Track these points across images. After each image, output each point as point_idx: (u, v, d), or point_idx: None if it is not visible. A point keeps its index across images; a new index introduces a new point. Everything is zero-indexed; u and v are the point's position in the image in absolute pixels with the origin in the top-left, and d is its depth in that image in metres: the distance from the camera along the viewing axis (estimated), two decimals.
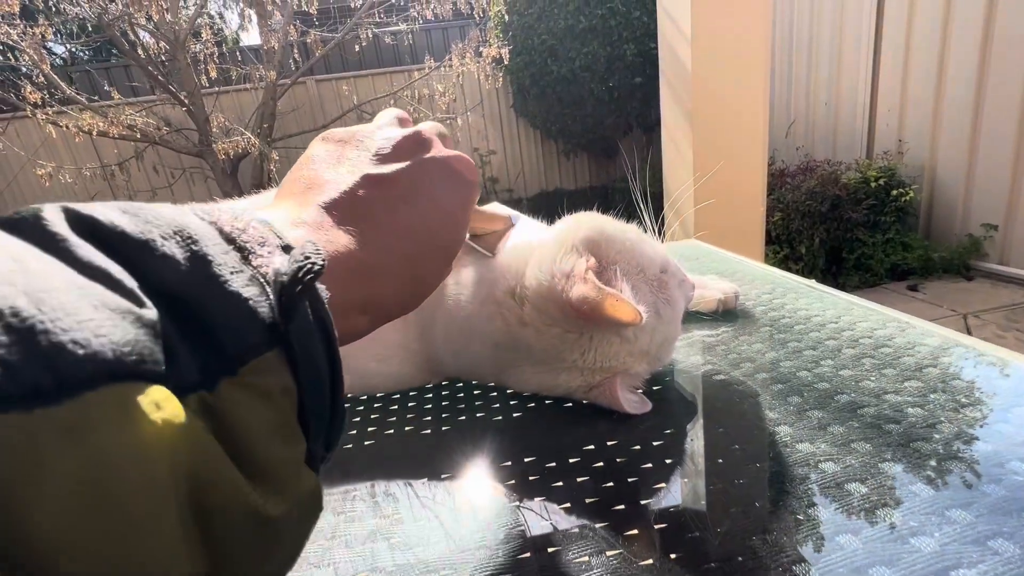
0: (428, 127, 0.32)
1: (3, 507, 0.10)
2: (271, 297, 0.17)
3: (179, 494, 0.13)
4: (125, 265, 0.14)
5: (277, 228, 0.20)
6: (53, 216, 0.15)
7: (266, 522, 0.15)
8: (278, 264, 0.17)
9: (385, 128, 0.30)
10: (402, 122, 0.33)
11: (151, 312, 0.14)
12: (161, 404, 0.13)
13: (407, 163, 0.27)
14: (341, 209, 0.24)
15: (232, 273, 0.16)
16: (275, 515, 0.15)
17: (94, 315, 0.12)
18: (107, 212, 0.16)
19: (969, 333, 2.25)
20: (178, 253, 0.15)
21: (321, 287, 0.18)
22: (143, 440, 0.12)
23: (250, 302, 0.16)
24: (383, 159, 0.27)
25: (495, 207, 0.44)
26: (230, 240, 0.17)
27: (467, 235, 0.39)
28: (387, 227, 0.25)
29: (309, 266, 0.17)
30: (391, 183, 0.26)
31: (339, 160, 0.27)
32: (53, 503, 0.11)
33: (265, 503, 0.15)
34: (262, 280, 0.17)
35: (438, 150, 0.30)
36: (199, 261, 0.16)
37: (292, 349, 0.17)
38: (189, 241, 0.16)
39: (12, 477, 0.10)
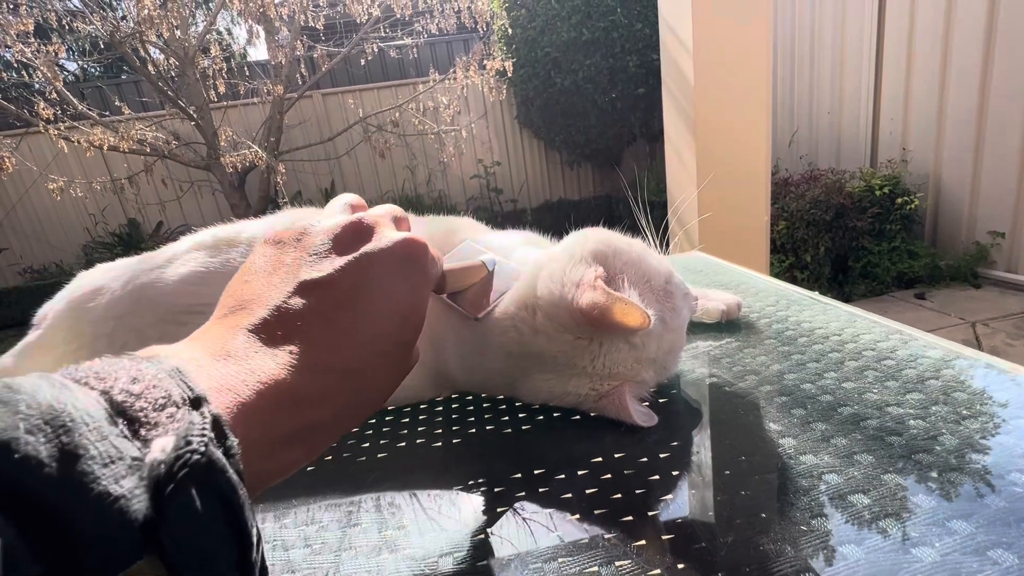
0: (376, 211, 0.30)
1: None
2: (146, 489, 0.14)
3: None
4: None
5: (189, 376, 0.18)
6: None
7: None
8: (165, 443, 0.15)
9: (327, 220, 0.28)
10: (354, 208, 0.31)
11: None
12: None
13: (346, 260, 0.25)
14: (270, 329, 0.22)
15: (105, 466, 0.14)
16: None
17: None
18: None
19: (978, 341, 2.23)
20: (43, 451, 0.13)
21: (218, 456, 0.16)
22: None
23: (120, 502, 0.14)
24: (320, 258, 0.25)
25: (466, 250, 0.40)
26: (120, 411, 0.16)
27: (445, 295, 0.37)
28: (323, 342, 0.23)
29: (187, 455, 0.15)
30: (327, 287, 0.24)
31: (275, 267, 0.25)
32: None
33: None
34: (140, 467, 0.15)
35: (382, 238, 0.27)
36: (66, 458, 0.14)
37: (170, 551, 0.15)
38: (60, 431, 0.14)
39: None
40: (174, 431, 0.16)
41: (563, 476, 0.37)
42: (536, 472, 0.37)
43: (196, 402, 0.17)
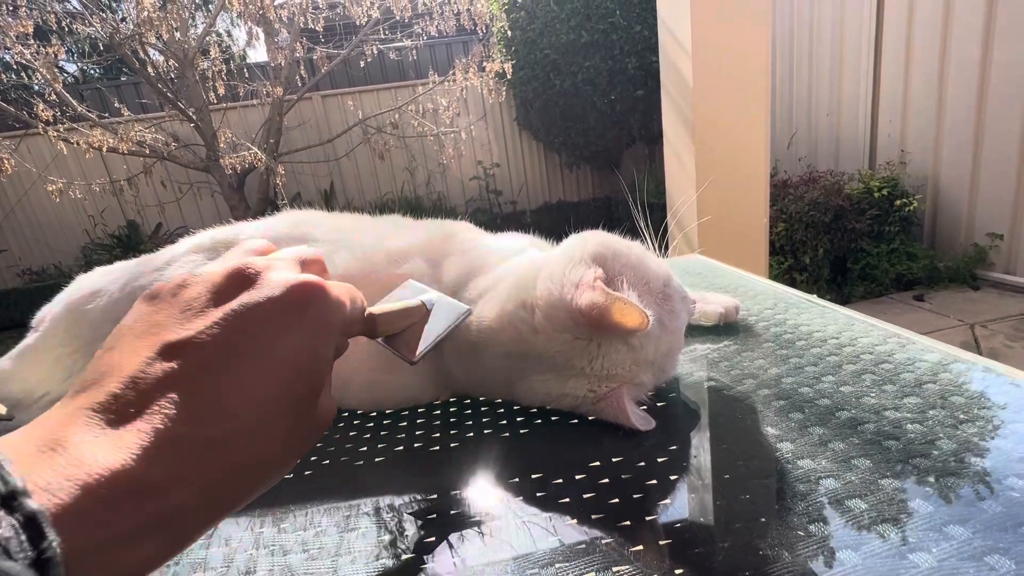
0: (279, 254, 0.27)
1: None
2: None
3: None
4: None
5: (5, 468, 0.16)
6: None
7: None
8: None
9: (211, 266, 0.25)
10: (259, 253, 0.28)
11: None
12: None
13: (221, 313, 0.22)
14: (118, 408, 0.20)
15: None
16: None
17: None
18: None
19: (977, 343, 2.24)
20: None
21: (52, 541, 0.15)
22: None
23: None
24: (193, 314, 0.22)
25: (407, 291, 0.38)
26: None
27: (380, 339, 0.34)
28: (182, 413, 0.20)
29: None
30: (193, 348, 0.21)
31: (145, 329, 0.22)
32: None
33: None
34: None
35: (266, 285, 0.24)
36: None
37: None
38: None
39: None
40: None
41: (561, 480, 0.37)
42: (534, 476, 0.37)
43: (11, 497, 0.15)
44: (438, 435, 0.45)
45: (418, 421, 0.48)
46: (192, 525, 0.21)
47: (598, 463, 0.38)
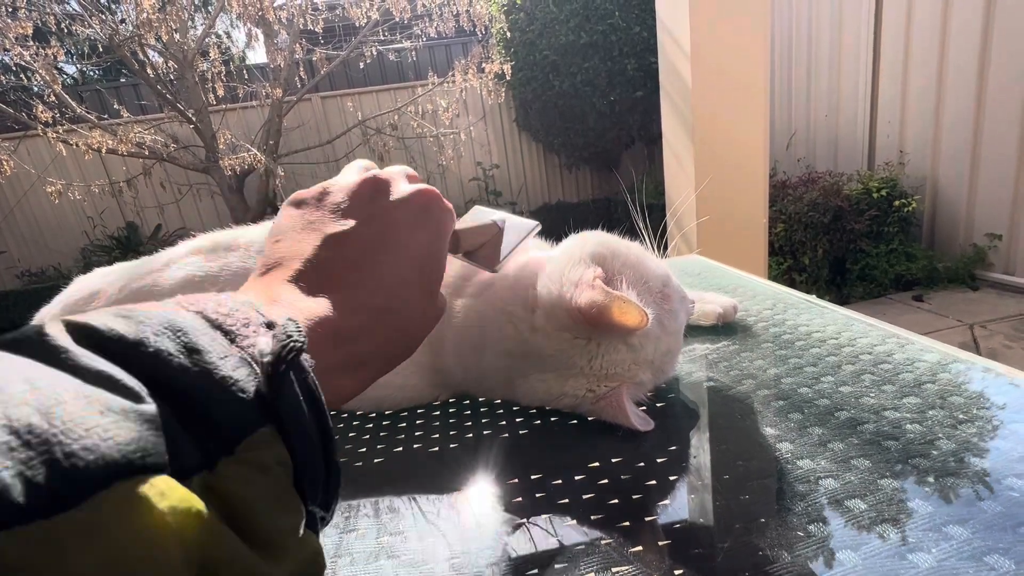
0: (390, 170, 0.32)
1: None
2: (259, 376, 0.18)
3: (191, 574, 0.14)
4: (124, 365, 0.15)
5: (258, 307, 0.20)
6: (55, 331, 0.16)
7: None
8: (262, 344, 0.18)
9: (344, 178, 0.30)
10: (367, 171, 0.33)
11: (150, 407, 0.15)
12: (166, 492, 0.14)
13: (368, 213, 0.28)
14: (308, 279, 0.25)
15: (221, 359, 0.17)
16: None
17: (100, 420, 0.14)
18: (103, 319, 0.17)
19: (976, 343, 2.24)
20: (171, 347, 0.16)
21: (307, 358, 0.19)
22: (152, 529, 0.13)
23: (240, 383, 0.17)
24: (343, 214, 0.28)
25: (476, 214, 0.43)
26: (216, 326, 0.18)
27: (461, 254, 0.40)
28: (355, 285, 0.25)
29: (291, 345, 0.19)
30: (353, 239, 0.27)
31: (302, 226, 0.27)
32: None
33: (271, 571, 0.16)
34: (250, 361, 0.18)
35: (399, 190, 0.29)
36: (190, 351, 0.17)
37: (283, 423, 0.18)
38: (179, 333, 0.17)
39: None
40: (272, 336, 0.19)
41: (560, 481, 0.37)
42: (533, 477, 0.37)
43: (270, 326, 0.20)
44: (437, 436, 0.45)
45: (417, 422, 0.48)
46: (369, 372, 0.26)
47: (597, 463, 0.38)
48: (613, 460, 0.38)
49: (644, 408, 0.44)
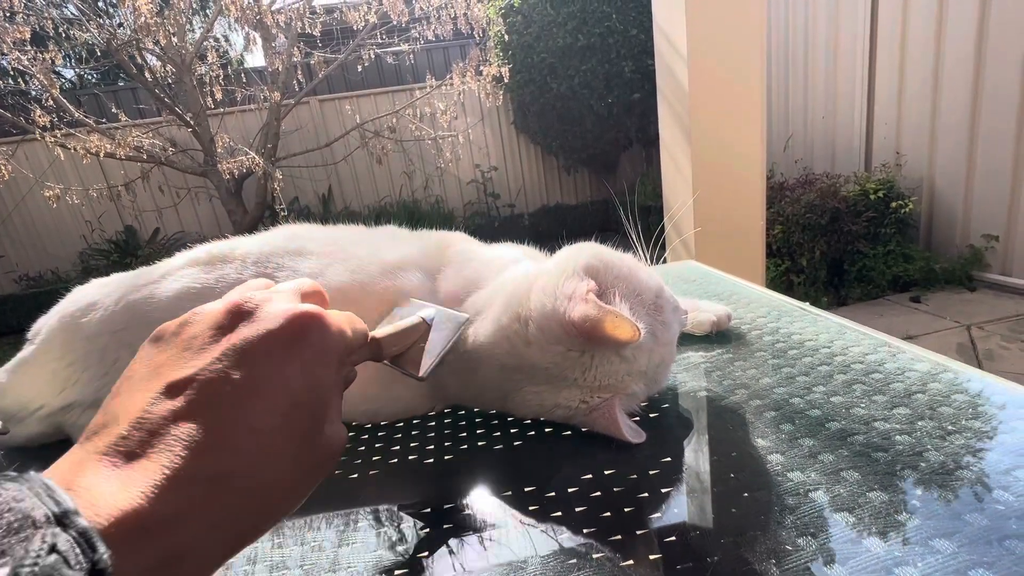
0: (281, 286, 0.27)
1: None
2: None
3: None
4: None
5: (53, 493, 0.17)
6: None
7: None
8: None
9: (211, 304, 0.26)
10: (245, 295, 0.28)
11: None
12: None
13: (221, 349, 0.23)
14: (126, 447, 0.20)
15: None
16: None
17: None
18: None
19: (973, 344, 2.24)
20: None
21: (103, 554, 0.16)
22: None
23: None
24: (195, 352, 0.23)
25: (403, 312, 0.39)
26: None
27: (386, 361, 0.36)
28: (187, 449, 0.20)
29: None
30: (194, 385, 0.22)
31: (150, 372, 0.23)
32: None
33: None
34: None
35: (264, 318, 0.24)
36: None
37: None
38: None
39: None
40: (10, 563, 0.15)
41: (553, 494, 0.37)
42: (527, 490, 0.38)
43: (63, 516, 0.16)
44: (432, 447, 0.45)
45: (413, 433, 0.48)
46: (209, 559, 0.21)
47: (590, 475, 0.38)
48: (606, 472, 0.38)
49: (637, 419, 0.45)
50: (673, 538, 0.32)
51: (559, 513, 0.35)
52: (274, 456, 0.23)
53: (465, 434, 0.47)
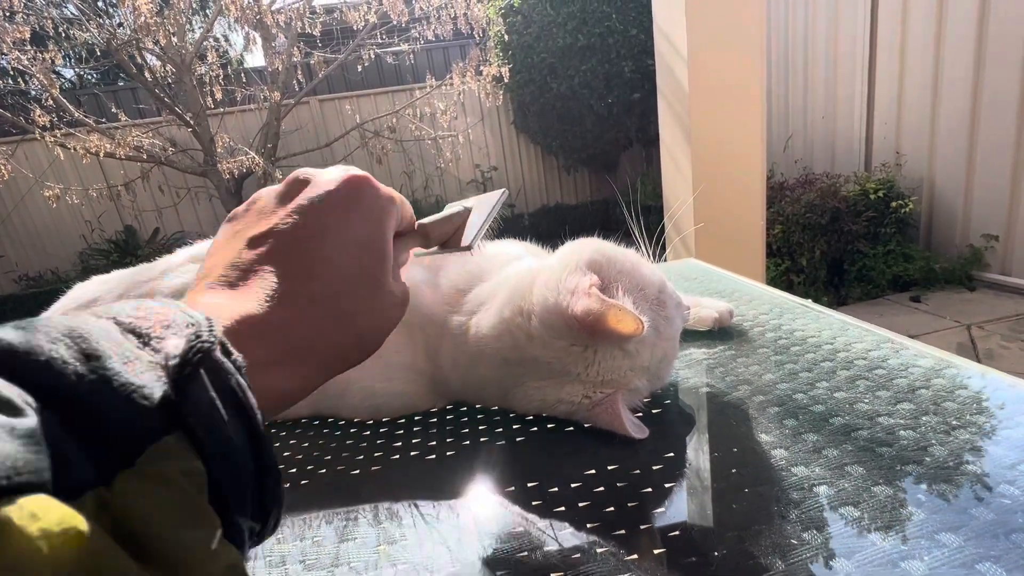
0: (327, 169, 0.31)
1: None
2: (166, 380, 0.17)
3: None
4: (12, 377, 0.14)
5: (182, 307, 0.20)
6: None
7: None
8: (170, 347, 0.17)
9: (272, 187, 0.30)
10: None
11: (28, 421, 0.14)
12: (38, 514, 0.12)
13: (290, 208, 0.27)
14: (229, 280, 0.25)
15: (125, 363, 0.16)
16: None
17: None
18: None
19: (973, 344, 2.24)
20: (66, 354, 0.15)
21: (223, 358, 0.18)
22: (19, 556, 0.12)
23: (144, 389, 0.16)
24: (266, 215, 0.28)
25: (447, 209, 0.40)
26: (129, 330, 0.18)
27: (435, 248, 0.37)
28: (281, 277, 0.25)
29: (198, 345, 0.18)
30: (275, 234, 0.26)
31: (231, 236, 0.28)
32: None
33: None
34: (158, 364, 0.17)
35: (319, 183, 0.29)
36: (88, 358, 0.16)
37: (193, 429, 0.17)
38: (79, 340, 0.16)
39: None
40: (184, 334, 0.18)
41: (556, 489, 0.37)
42: (530, 485, 0.38)
43: (199, 323, 0.19)
44: (435, 443, 0.45)
45: (415, 429, 0.48)
46: (318, 367, 0.25)
47: (594, 471, 0.38)
48: (609, 467, 0.38)
49: (640, 415, 0.44)
50: (677, 533, 0.32)
51: (562, 508, 0.35)
52: (350, 288, 0.27)
53: (467, 430, 0.47)
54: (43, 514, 0.12)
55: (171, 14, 3.34)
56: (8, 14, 3.39)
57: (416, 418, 0.50)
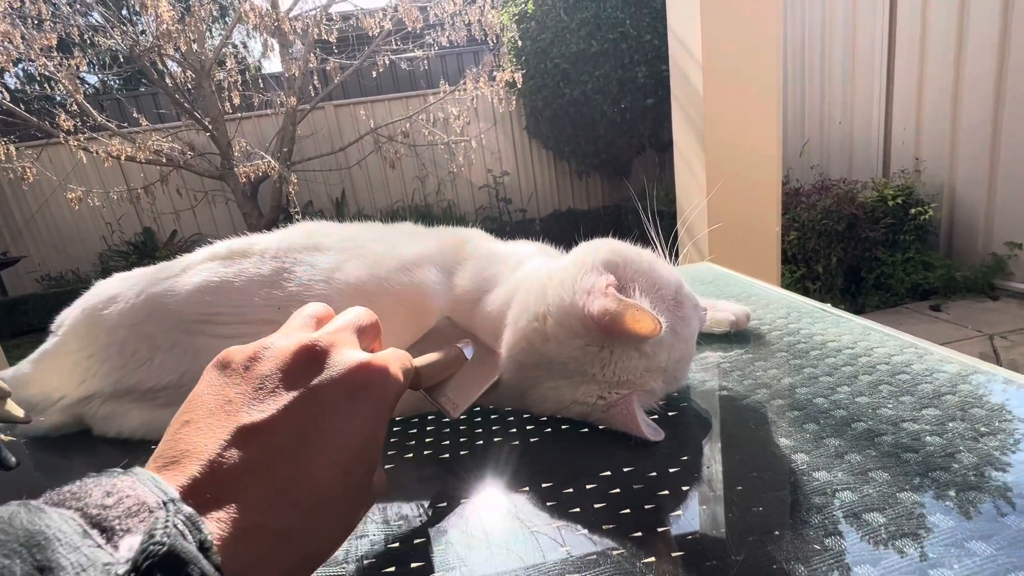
0: (338, 323, 0.28)
1: None
2: None
3: None
4: None
5: (160, 483, 0.19)
6: None
7: None
8: (123, 549, 0.17)
9: (280, 341, 0.26)
10: (318, 321, 0.29)
11: None
12: None
13: (292, 396, 0.24)
14: (199, 492, 0.21)
15: (78, 574, 0.15)
16: None
17: None
18: None
19: (996, 354, 2.19)
20: (17, 570, 0.15)
21: (206, 535, 0.18)
22: None
23: None
24: (266, 395, 0.24)
25: (443, 328, 0.40)
26: (95, 523, 0.17)
27: (422, 390, 0.37)
28: (257, 501, 0.21)
29: (151, 548, 0.17)
30: (266, 433, 0.23)
31: (218, 405, 0.24)
32: None
33: None
34: (111, 569, 0.16)
35: (334, 365, 0.25)
36: (40, 573, 0.15)
37: None
38: (35, 550, 0.15)
39: None
40: (143, 530, 0.17)
41: (571, 490, 0.36)
42: (544, 485, 0.37)
43: (170, 503, 0.18)
44: (448, 443, 0.45)
45: (428, 428, 0.48)
46: None
47: (609, 473, 0.37)
48: (625, 469, 0.38)
49: (656, 417, 0.44)
50: (695, 536, 0.31)
51: (577, 510, 0.34)
52: (330, 510, 0.24)
53: (481, 430, 0.46)
54: None
55: (192, 21, 3.42)
56: (36, 22, 3.49)
57: (429, 417, 0.50)
